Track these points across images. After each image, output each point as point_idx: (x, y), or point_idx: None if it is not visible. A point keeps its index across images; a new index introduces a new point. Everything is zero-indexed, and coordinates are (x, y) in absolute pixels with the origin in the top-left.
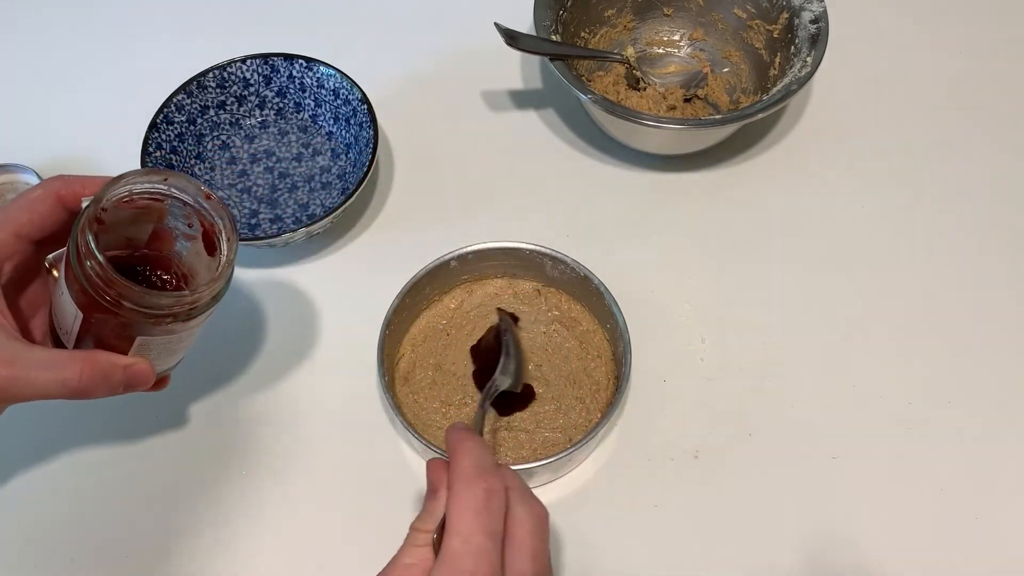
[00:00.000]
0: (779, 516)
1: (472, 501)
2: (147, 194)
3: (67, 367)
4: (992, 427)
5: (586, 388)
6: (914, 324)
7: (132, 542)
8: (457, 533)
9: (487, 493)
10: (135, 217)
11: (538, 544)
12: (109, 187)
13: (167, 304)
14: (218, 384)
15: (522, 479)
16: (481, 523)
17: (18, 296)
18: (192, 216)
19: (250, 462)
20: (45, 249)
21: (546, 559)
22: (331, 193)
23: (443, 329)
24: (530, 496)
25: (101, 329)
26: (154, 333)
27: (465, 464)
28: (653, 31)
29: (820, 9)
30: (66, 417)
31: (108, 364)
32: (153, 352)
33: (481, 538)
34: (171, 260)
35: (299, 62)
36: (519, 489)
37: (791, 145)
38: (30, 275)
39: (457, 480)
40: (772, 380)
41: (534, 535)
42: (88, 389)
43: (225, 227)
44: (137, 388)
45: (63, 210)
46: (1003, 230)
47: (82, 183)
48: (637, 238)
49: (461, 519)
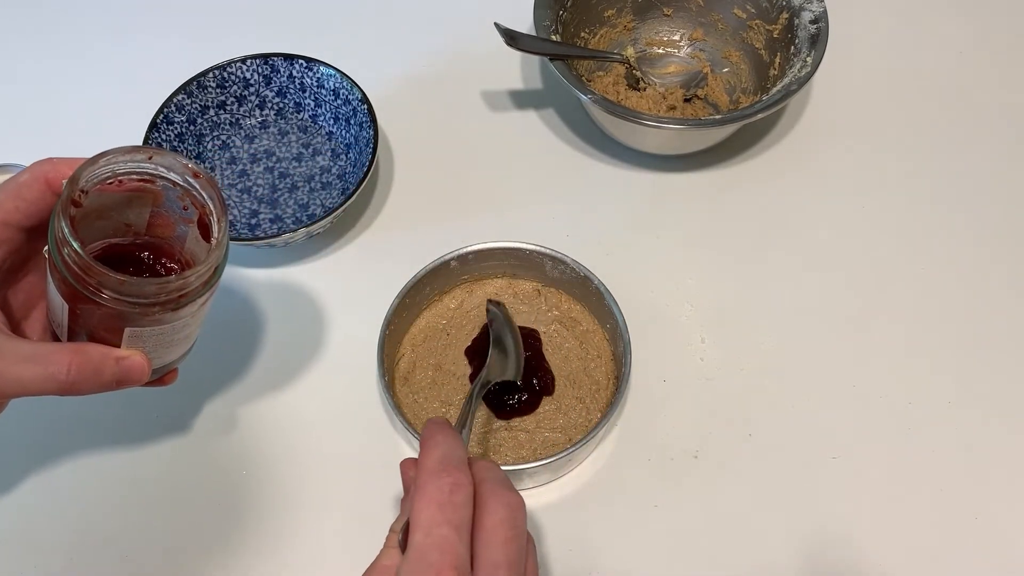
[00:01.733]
0: (779, 516)
1: (436, 494)
2: (133, 174)
3: (54, 361)
4: (992, 427)
5: (586, 388)
6: (914, 324)
7: (132, 542)
8: (420, 526)
9: (452, 486)
10: (128, 201)
11: (509, 532)
12: (86, 167)
13: (151, 292)
14: (217, 384)
15: (500, 470)
16: (445, 515)
17: (11, 288)
18: (185, 197)
19: (250, 462)
20: (38, 238)
21: (519, 548)
22: (331, 193)
23: (443, 329)
24: (504, 486)
25: (88, 321)
26: (143, 324)
27: (431, 459)
28: (653, 31)
29: (820, 9)
30: (65, 417)
31: (99, 357)
32: (147, 344)
33: (446, 530)
34: (174, 246)
35: (299, 62)
36: (492, 480)
37: (791, 145)
38: (24, 266)
39: (421, 474)
40: (772, 380)
41: (505, 523)
42: (77, 384)
43: (214, 207)
44: (131, 383)
45: (52, 195)
46: (1004, 230)
47: (71, 165)
48: (637, 238)
49: (424, 511)
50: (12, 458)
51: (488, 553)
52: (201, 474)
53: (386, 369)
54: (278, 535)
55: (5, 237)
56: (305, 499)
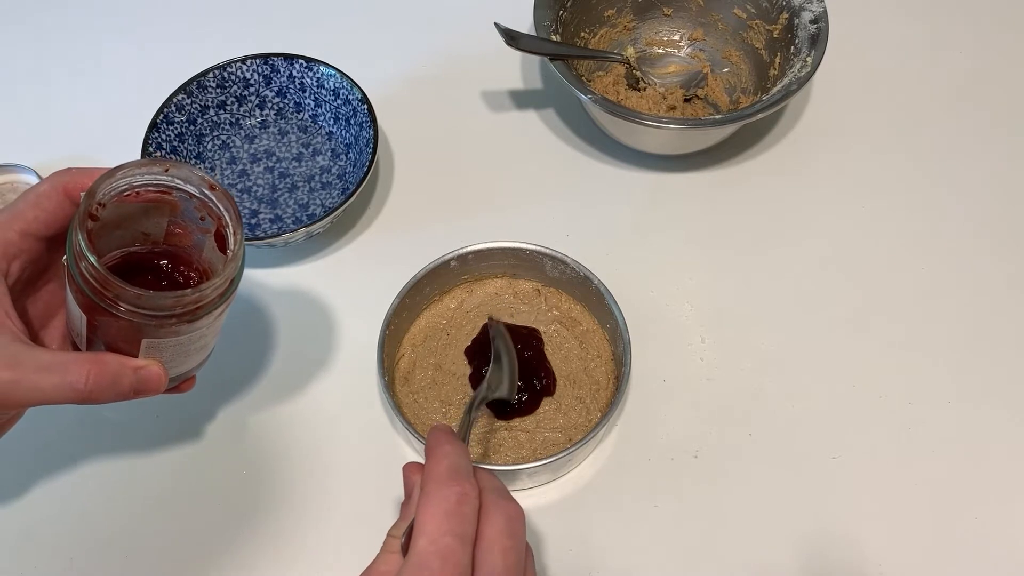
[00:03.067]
0: (779, 516)
1: (443, 504)
2: (150, 186)
3: (72, 370)
4: (992, 427)
5: (586, 388)
6: (914, 324)
7: (132, 542)
8: (425, 533)
9: (459, 497)
10: (145, 211)
11: (509, 542)
12: (104, 180)
13: (167, 305)
14: (217, 384)
15: (499, 480)
16: (451, 525)
17: (31, 297)
18: (202, 208)
19: (249, 461)
20: (58, 247)
21: (518, 557)
22: (331, 193)
23: (443, 329)
24: (504, 496)
25: (107, 332)
26: (160, 335)
27: (440, 468)
28: (653, 31)
29: (820, 9)
30: (66, 418)
31: (118, 367)
32: (165, 354)
33: (450, 540)
34: (192, 256)
35: (299, 62)
36: (493, 490)
37: (791, 145)
38: (43, 275)
39: (429, 482)
40: (772, 380)
41: (505, 534)
42: (95, 393)
43: (230, 219)
44: (148, 393)
45: (71, 205)
46: (1004, 230)
47: (90, 176)
48: (637, 238)
49: (430, 520)
50: (13, 458)
51: (488, 562)
52: (201, 474)
53: (386, 369)
54: (278, 534)
55: (25, 247)
56: (304, 498)
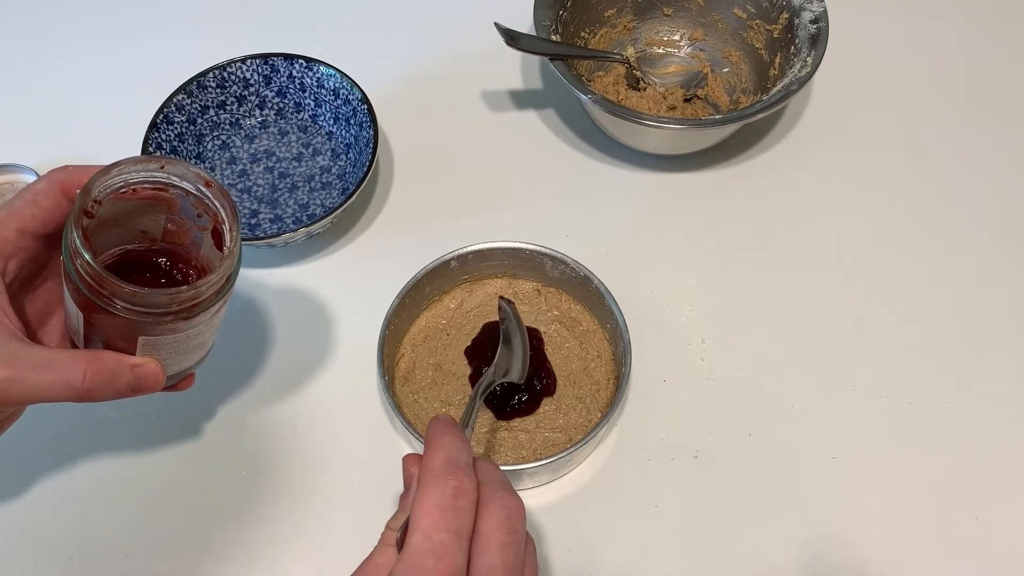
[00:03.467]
0: (779, 515)
1: (439, 497)
2: (146, 183)
3: (70, 367)
4: (992, 427)
5: (586, 388)
6: (914, 323)
7: (132, 542)
8: (419, 529)
9: (456, 490)
10: (142, 209)
11: (507, 537)
12: (99, 178)
13: (163, 303)
14: (217, 384)
15: (500, 471)
16: (447, 521)
17: (29, 295)
18: (198, 206)
19: (249, 461)
20: (56, 245)
21: (516, 552)
22: (331, 193)
23: (443, 329)
24: (505, 488)
25: (104, 329)
26: (157, 332)
27: (437, 459)
28: (653, 31)
29: (820, 9)
30: (65, 417)
31: (115, 364)
32: (162, 352)
33: (445, 536)
34: (190, 253)
35: (299, 62)
36: (492, 483)
37: (791, 145)
38: (41, 273)
39: (426, 475)
40: (772, 380)
41: (502, 527)
42: (93, 391)
43: (226, 216)
44: (146, 391)
45: (68, 203)
46: (1004, 230)
47: (87, 174)
48: (637, 238)
49: (426, 515)
50: (13, 458)
51: (484, 558)
52: (200, 473)
53: (386, 369)
54: (278, 534)
55: (23, 245)
56: (304, 498)
